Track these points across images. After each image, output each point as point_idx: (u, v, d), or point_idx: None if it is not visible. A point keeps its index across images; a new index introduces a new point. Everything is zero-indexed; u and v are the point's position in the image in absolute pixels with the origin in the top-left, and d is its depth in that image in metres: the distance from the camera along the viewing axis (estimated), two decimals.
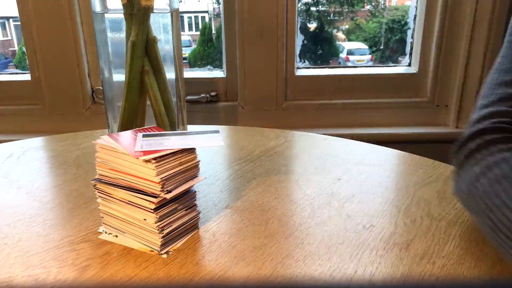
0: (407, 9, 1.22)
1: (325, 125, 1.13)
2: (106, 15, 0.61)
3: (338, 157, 0.71)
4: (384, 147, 0.75)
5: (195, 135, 0.48)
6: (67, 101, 1.10)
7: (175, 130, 0.66)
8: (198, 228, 0.49)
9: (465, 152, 0.46)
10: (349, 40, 1.36)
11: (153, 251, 0.44)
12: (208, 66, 1.22)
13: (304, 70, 1.15)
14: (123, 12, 0.59)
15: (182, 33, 0.67)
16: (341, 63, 1.38)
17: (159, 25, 0.62)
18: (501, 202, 0.38)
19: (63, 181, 0.62)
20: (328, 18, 1.30)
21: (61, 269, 0.42)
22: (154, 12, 0.60)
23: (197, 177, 0.47)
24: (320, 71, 1.16)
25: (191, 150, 0.45)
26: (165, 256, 0.44)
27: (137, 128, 0.50)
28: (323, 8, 1.29)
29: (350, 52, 1.38)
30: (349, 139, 0.79)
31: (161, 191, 0.42)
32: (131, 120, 0.63)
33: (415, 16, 1.12)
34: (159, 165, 0.42)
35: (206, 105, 1.13)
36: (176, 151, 0.44)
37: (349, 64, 1.38)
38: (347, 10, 1.31)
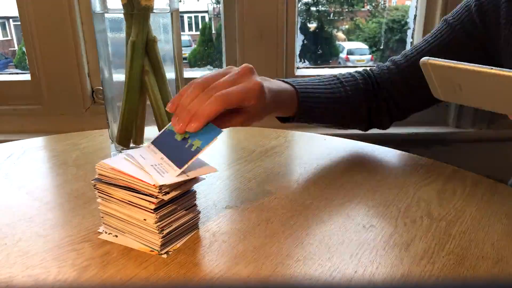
0: (407, 9, 1.22)
1: None
2: (106, 15, 0.61)
3: (338, 157, 0.71)
4: (384, 147, 0.75)
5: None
6: (67, 101, 1.10)
7: None
8: (198, 228, 0.49)
9: None
10: (349, 40, 1.36)
11: (153, 251, 0.44)
12: (208, 66, 1.22)
13: (304, 70, 1.15)
14: (123, 12, 0.59)
15: (182, 33, 0.67)
16: (341, 63, 1.38)
17: (159, 25, 0.62)
18: None
19: (63, 181, 0.62)
20: (328, 18, 1.30)
21: (61, 269, 0.42)
22: (154, 12, 0.60)
23: (197, 177, 0.47)
24: (320, 71, 1.16)
25: None
26: (165, 256, 0.44)
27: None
28: (323, 8, 1.29)
29: (350, 52, 1.38)
30: (349, 139, 0.79)
31: (159, 192, 0.42)
32: (131, 120, 0.63)
33: (415, 16, 1.12)
34: None
35: None
36: None
37: (349, 64, 1.38)
38: (347, 10, 1.31)
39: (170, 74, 0.64)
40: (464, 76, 0.42)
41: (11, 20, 1.37)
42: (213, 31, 1.29)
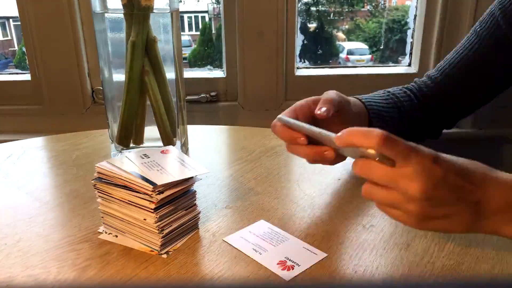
0: (407, 9, 1.22)
1: None
2: (106, 15, 0.61)
3: None
4: None
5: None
6: (67, 101, 1.10)
7: (175, 130, 0.66)
8: (198, 228, 0.49)
9: None
10: (349, 40, 1.35)
11: (153, 251, 0.44)
12: (208, 66, 1.21)
13: (304, 70, 1.15)
14: (123, 12, 0.59)
15: (182, 33, 0.67)
16: (341, 63, 1.38)
17: (159, 25, 0.62)
18: None
19: (63, 181, 0.62)
20: (328, 18, 1.30)
21: (61, 269, 0.42)
22: (154, 12, 0.60)
23: (192, 177, 0.47)
24: (320, 71, 1.16)
25: None
26: (165, 256, 0.44)
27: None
28: (323, 8, 1.29)
29: (350, 52, 1.38)
30: None
31: (152, 191, 0.42)
32: (131, 120, 0.63)
33: (415, 16, 1.12)
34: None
35: (206, 105, 1.12)
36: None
37: (349, 64, 1.38)
38: (347, 10, 1.31)
39: (170, 74, 0.64)
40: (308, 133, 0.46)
41: (11, 20, 1.36)
42: (213, 31, 1.29)
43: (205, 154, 0.73)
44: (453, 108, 0.72)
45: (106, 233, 0.48)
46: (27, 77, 1.11)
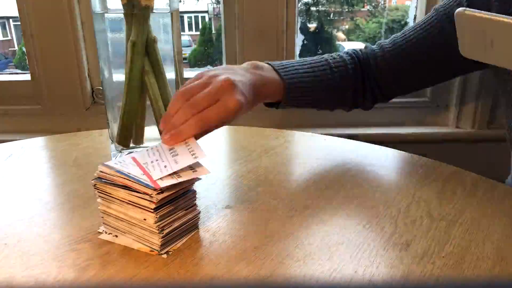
0: (407, 9, 1.22)
1: (325, 125, 1.13)
2: (106, 15, 0.61)
3: (338, 157, 0.71)
4: (384, 147, 0.75)
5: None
6: (67, 101, 1.10)
7: None
8: (198, 228, 0.49)
9: None
10: (349, 40, 1.36)
11: (153, 251, 0.44)
12: (208, 66, 1.21)
13: None
14: (123, 12, 0.59)
15: (182, 33, 0.67)
16: None
17: (159, 25, 0.62)
18: None
19: (63, 181, 0.62)
20: (328, 18, 1.30)
21: (61, 269, 0.42)
22: (154, 12, 0.60)
23: (192, 178, 0.47)
24: None
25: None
26: (165, 256, 0.44)
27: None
28: (323, 8, 1.29)
29: None
30: (349, 139, 0.79)
31: (153, 190, 0.42)
32: (131, 120, 0.63)
33: (415, 16, 1.12)
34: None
35: None
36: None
37: None
38: (347, 10, 1.31)
39: (170, 74, 0.64)
40: (500, 29, 0.41)
41: (11, 20, 1.37)
42: (213, 31, 1.30)
43: (206, 153, 0.73)
44: (396, 84, 0.72)
45: (106, 233, 0.48)
46: (27, 77, 1.11)
